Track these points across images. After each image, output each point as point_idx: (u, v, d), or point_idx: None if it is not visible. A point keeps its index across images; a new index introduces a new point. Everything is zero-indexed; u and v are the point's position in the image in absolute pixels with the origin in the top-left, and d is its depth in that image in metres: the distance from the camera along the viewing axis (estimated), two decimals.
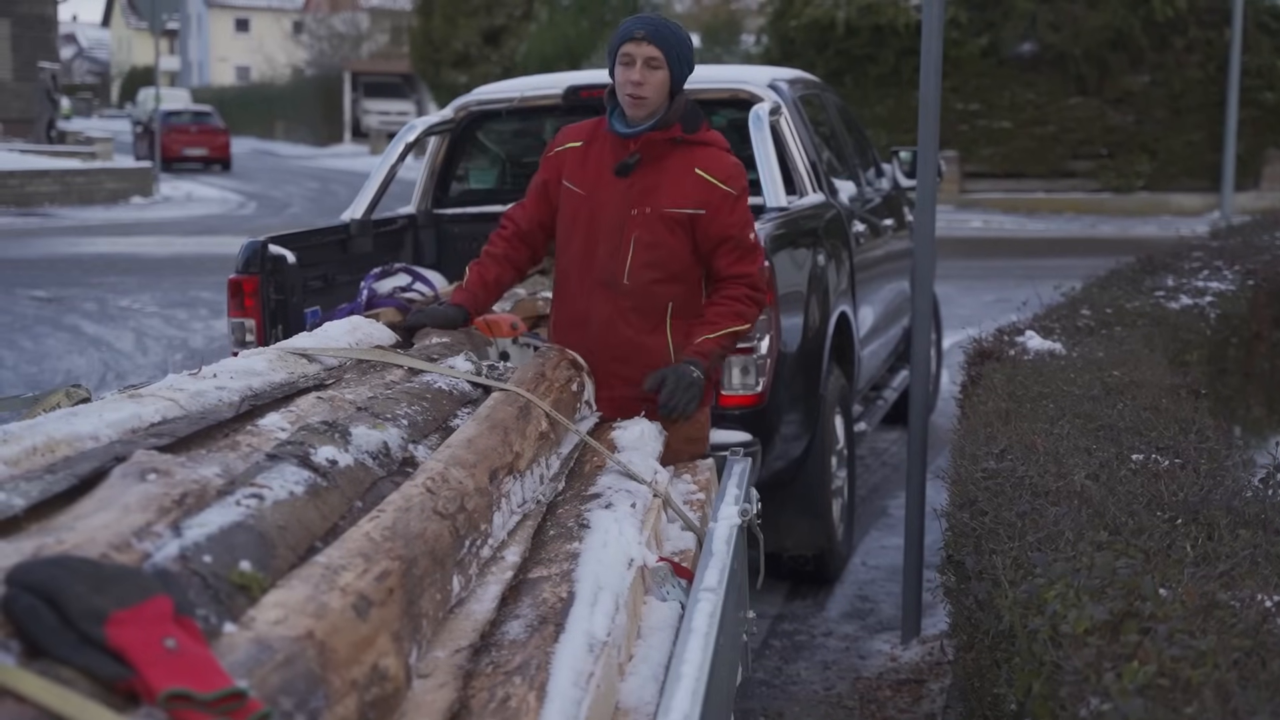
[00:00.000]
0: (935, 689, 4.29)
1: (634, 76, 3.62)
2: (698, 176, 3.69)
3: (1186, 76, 21.68)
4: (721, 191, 3.69)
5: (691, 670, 2.02)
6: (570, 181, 3.80)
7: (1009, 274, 13.66)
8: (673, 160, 3.71)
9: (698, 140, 3.73)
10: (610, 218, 3.73)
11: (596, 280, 3.76)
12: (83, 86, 75.73)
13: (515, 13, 36.04)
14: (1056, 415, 3.55)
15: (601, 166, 3.76)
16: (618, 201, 3.72)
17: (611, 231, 3.73)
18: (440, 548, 2.14)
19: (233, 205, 25.55)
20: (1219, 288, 6.17)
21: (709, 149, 3.74)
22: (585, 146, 3.81)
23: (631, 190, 3.71)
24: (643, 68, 3.62)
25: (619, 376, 3.73)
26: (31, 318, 11.65)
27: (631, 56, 3.64)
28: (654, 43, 3.62)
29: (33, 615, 1.42)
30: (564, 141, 3.88)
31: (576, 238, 3.79)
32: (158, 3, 26.04)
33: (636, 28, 3.66)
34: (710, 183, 3.69)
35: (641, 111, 3.67)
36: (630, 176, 3.71)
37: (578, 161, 3.81)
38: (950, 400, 6.52)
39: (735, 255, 3.73)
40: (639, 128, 3.69)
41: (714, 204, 3.69)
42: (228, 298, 4.90)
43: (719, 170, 3.71)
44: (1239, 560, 2.33)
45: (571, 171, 3.81)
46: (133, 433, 2.27)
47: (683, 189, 3.69)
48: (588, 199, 3.76)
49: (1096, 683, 1.92)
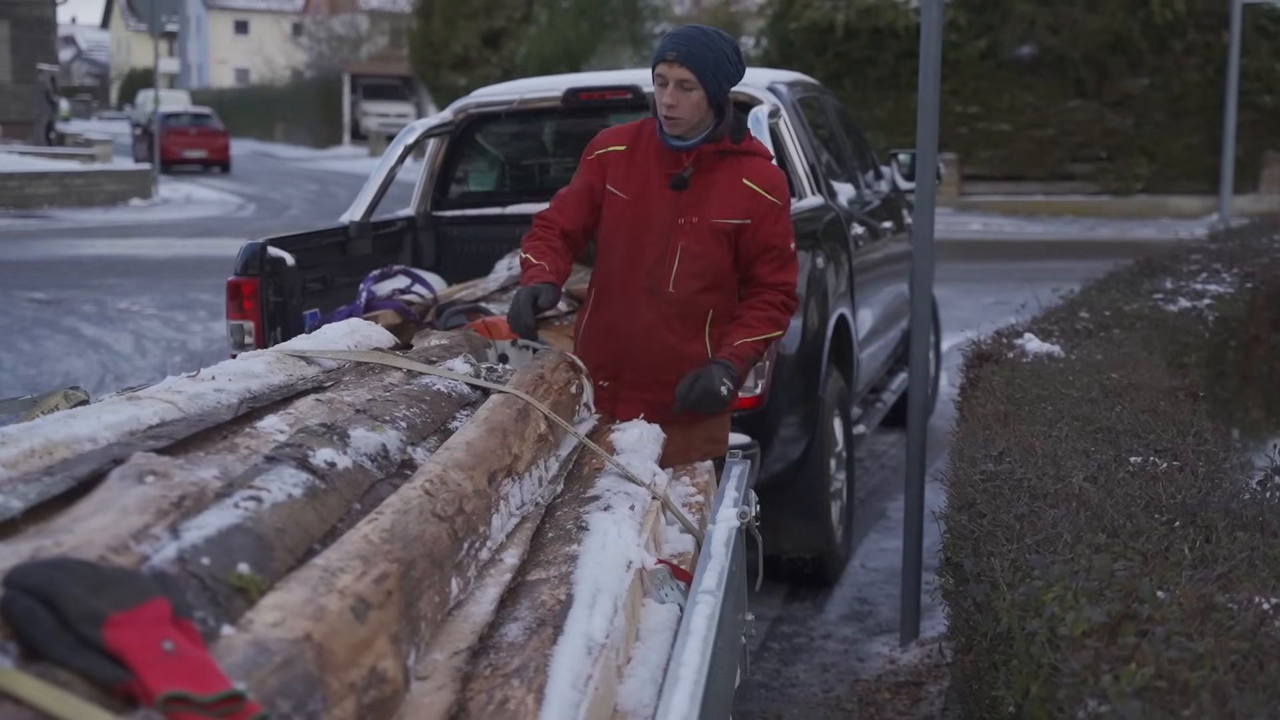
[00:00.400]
0: (934, 691, 4.29)
1: (666, 99, 3.62)
2: (745, 186, 3.71)
3: (1185, 79, 21.69)
4: (768, 202, 3.72)
5: (690, 672, 2.02)
6: (615, 186, 3.78)
7: (1008, 276, 13.67)
8: (721, 171, 3.72)
9: (744, 150, 3.75)
10: (657, 226, 3.73)
11: (641, 287, 3.76)
12: (82, 88, 75.75)
13: (515, 15, 36.06)
14: (1055, 418, 3.55)
15: (648, 173, 3.75)
16: (666, 210, 3.73)
17: (658, 239, 3.73)
18: (439, 550, 2.14)
19: (232, 207, 25.55)
20: (1217, 290, 6.18)
21: (755, 159, 3.77)
22: (630, 151, 3.79)
23: (680, 200, 3.72)
24: (674, 90, 3.61)
25: (658, 381, 3.76)
26: (30, 320, 11.64)
27: (665, 78, 3.63)
28: (685, 64, 3.59)
29: (31, 617, 1.42)
30: (607, 144, 3.85)
31: (620, 244, 3.78)
32: (157, 5, 26.05)
33: (669, 48, 3.62)
34: (757, 193, 3.71)
35: (678, 130, 3.68)
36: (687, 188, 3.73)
37: (622, 167, 3.79)
38: (949, 403, 6.52)
39: (777, 264, 3.76)
40: (692, 141, 3.69)
41: (760, 213, 3.71)
42: (227, 300, 4.90)
43: (765, 181, 3.73)
44: (1237, 563, 2.33)
45: (615, 177, 3.79)
46: (131, 435, 2.27)
47: (731, 199, 3.71)
48: (633, 205, 3.75)
49: (1094, 685, 1.92)
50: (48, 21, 32.29)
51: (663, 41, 3.69)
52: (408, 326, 5.08)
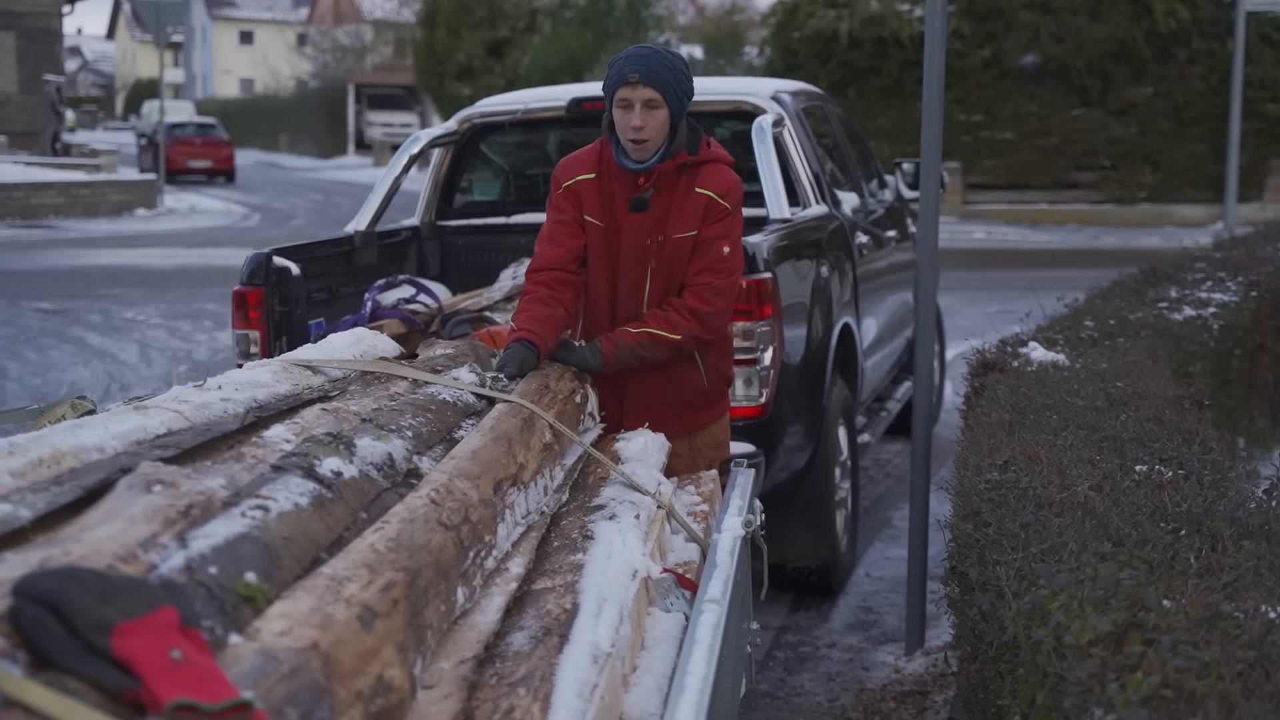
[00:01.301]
0: (939, 700, 4.28)
1: (634, 122, 3.58)
2: (698, 194, 3.70)
3: (1189, 88, 21.69)
4: (719, 205, 3.70)
5: (696, 681, 2.02)
6: (590, 215, 3.75)
7: (1012, 285, 13.66)
8: (680, 184, 3.72)
9: (702, 160, 3.74)
10: (629, 250, 3.72)
11: (622, 315, 3.76)
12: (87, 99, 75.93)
13: (518, 25, 36.13)
14: (1060, 426, 3.55)
15: (616, 200, 3.74)
16: (635, 232, 3.72)
17: (631, 264, 3.73)
18: (444, 559, 2.15)
19: (237, 217, 25.59)
20: (1222, 299, 6.17)
21: (710, 165, 3.75)
22: (598, 178, 3.76)
23: (646, 220, 3.71)
24: (642, 111, 3.58)
25: (658, 399, 3.76)
26: (36, 330, 11.66)
27: (629, 100, 3.58)
28: (649, 84, 3.56)
29: (40, 626, 1.43)
30: (573, 174, 3.79)
31: (600, 272, 3.77)
32: (162, 15, 26.14)
33: (629, 70, 3.57)
34: (709, 198, 3.70)
35: (646, 154, 3.65)
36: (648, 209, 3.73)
37: (594, 194, 3.76)
38: (953, 411, 6.52)
39: (704, 263, 3.68)
40: (648, 163, 3.67)
41: (709, 217, 3.70)
42: (232, 310, 4.91)
43: (717, 185, 3.72)
44: (1243, 571, 2.33)
45: (590, 205, 3.76)
46: (138, 444, 2.27)
47: (688, 211, 3.70)
48: (606, 232, 3.74)
49: (1100, 694, 1.92)
50: (53, 32, 32.36)
51: (617, 65, 3.63)
52: (413, 336, 5.09)
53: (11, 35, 30.62)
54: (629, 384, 3.79)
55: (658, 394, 3.77)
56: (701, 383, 3.81)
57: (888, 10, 22.27)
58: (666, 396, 3.76)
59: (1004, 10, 22.05)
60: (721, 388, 3.91)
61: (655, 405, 3.76)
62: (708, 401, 3.85)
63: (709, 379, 3.82)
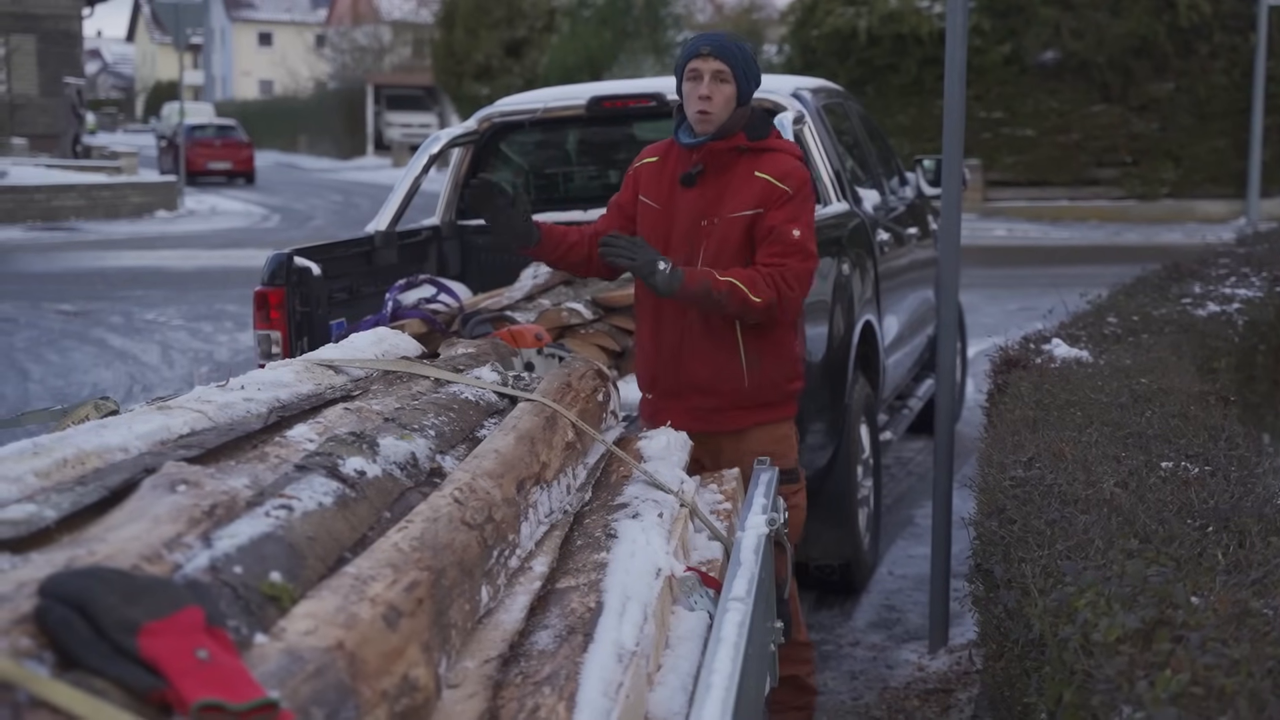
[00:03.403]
0: (963, 699, 4.27)
1: (702, 91, 3.69)
2: (756, 178, 3.74)
3: (1211, 83, 21.55)
4: (778, 189, 3.72)
5: (721, 680, 2.01)
6: (646, 196, 3.87)
7: (1033, 282, 13.62)
8: (738, 168, 3.77)
9: (764, 147, 3.78)
10: (682, 229, 3.79)
11: None
12: (108, 101, 76.30)
13: (537, 24, 36.13)
14: (1084, 423, 3.53)
15: (673, 180, 3.83)
16: (689, 213, 3.78)
17: (683, 243, 3.78)
18: (468, 558, 2.14)
19: (257, 218, 25.66)
20: (1246, 294, 6.14)
21: (773, 153, 3.79)
22: (660, 161, 3.89)
23: (700, 200, 3.77)
24: (710, 81, 3.68)
25: (695, 388, 3.80)
26: (58, 331, 11.72)
27: (699, 71, 3.70)
28: (720, 57, 3.68)
29: (66, 626, 1.43)
30: (642, 158, 3.96)
31: None
32: (182, 18, 26.22)
33: (702, 44, 3.73)
34: (768, 182, 3.73)
35: (710, 127, 3.72)
36: (698, 187, 3.77)
37: (653, 176, 3.88)
38: (975, 409, 6.50)
39: (778, 249, 3.70)
40: (701, 138, 3.75)
41: (769, 201, 3.72)
42: (254, 310, 4.92)
43: (776, 169, 3.75)
44: (1271, 568, 2.31)
45: (647, 186, 3.88)
46: (162, 444, 2.28)
47: (744, 192, 3.74)
48: (662, 212, 3.83)
49: (1129, 691, 1.90)
50: (74, 35, 32.52)
51: (692, 41, 3.77)
52: (434, 335, 5.09)
53: (32, 38, 30.79)
54: (666, 360, 3.82)
55: (696, 383, 3.79)
56: (741, 382, 3.79)
57: (907, 7, 22.20)
58: (705, 386, 3.77)
59: (1024, 6, 21.96)
60: (770, 395, 3.86)
61: (689, 394, 3.79)
62: (749, 404, 3.82)
63: (750, 380, 3.80)
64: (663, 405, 3.86)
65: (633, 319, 5.51)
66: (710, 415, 3.79)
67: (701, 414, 3.78)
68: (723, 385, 3.79)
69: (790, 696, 3.95)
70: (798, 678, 3.95)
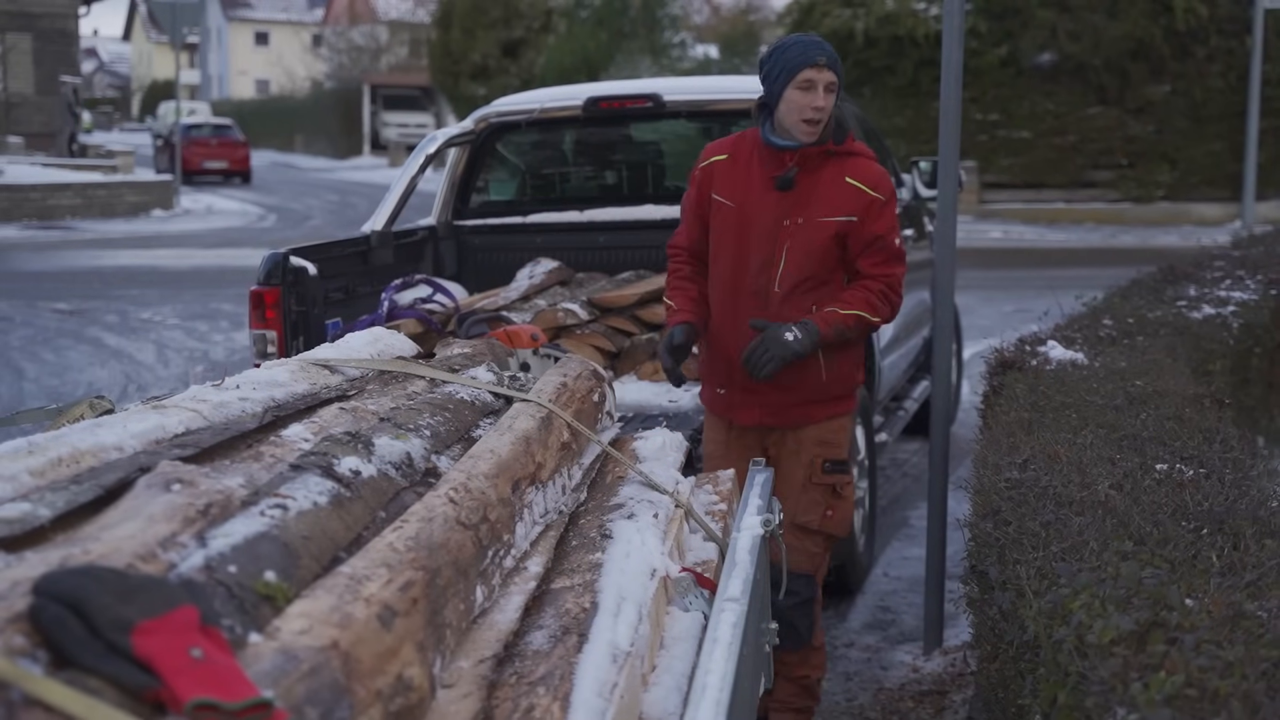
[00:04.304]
0: (958, 700, 4.27)
1: (818, 102, 3.72)
2: (849, 185, 3.77)
3: (1207, 86, 21.59)
4: (870, 197, 3.77)
5: (716, 680, 2.01)
6: (719, 194, 3.89)
7: (1029, 284, 13.63)
8: (826, 171, 3.79)
9: (846, 151, 3.81)
10: (763, 229, 3.81)
11: (747, 290, 3.84)
12: (104, 100, 76.23)
13: (533, 25, 36.15)
14: (1079, 425, 3.54)
15: (751, 178, 3.84)
16: (770, 213, 3.80)
17: (764, 242, 3.81)
18: (463, 558, 2.14)
19: (253, 218, 25.65)
20: (1241, 297, 6.15)
21: (858, 159, 3.84)
22: (732, 159, 3.90)
23: (785, 201, 3.79)
24: (824, 93, 3.72)
25: (773, 385, 3.82)
26: (54, 330, 11.71)
27: (813, 82, 3.72)
28: (832, 69, 3.72)
29: (60, 625, 1.43)
30: (709, 155, 3.97)
31: (727, 249, 3.87)
32: (178, 17, 26.20)
33: (817, 54, 3.73)
34: (862, 190, 3.77)
35: (816, 136, 3.76)
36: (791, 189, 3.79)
37: (726, 174, 3.89)
38: (971, 411, 6.50)
39: (880, 257, 3.80)
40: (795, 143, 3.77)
41: (864, 210, 3.77)
42: (249, 309, 4.92)
43: (867, 178, 3.80)
44: (1265, 570, 2.31)
45: (720, 185, 3.89)
46: (157, 443, 2.27)
47: (837, 198, 3.77)
48: (738, 210, 3.84)
49: (1123, 693, 1.91)
50: (70, 34, 32.51)
51: (797, 48, 3.77)
52: (430, 335, 5.09)
53: (28, 37, 30.77)
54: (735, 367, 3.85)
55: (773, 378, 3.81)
56: (820, 377, 3.83)
57: (903, 9, 22.23)
58: (781, 381, 3.80)
59: (1021, 8, 21.99)
60: (839, 389, 3.92)
61: (765, 389, 3.83)
62: (822, 398, 3.87)
63: (827, 375, 3.84)
64: (737, 401, 3.92)
65: (629, 320, 5.53)
66: (786, 410, 3.86)
67: (778, 409, 3.86)
68: (801, 382, 3.83)
69: (793, 696, 3.97)
70: (807, 678, 3.97)
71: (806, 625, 3.94)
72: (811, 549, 3.91)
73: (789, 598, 3.89)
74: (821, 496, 3.89)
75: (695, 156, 4.08)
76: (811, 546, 3.92)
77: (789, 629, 3.94)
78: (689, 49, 32.88)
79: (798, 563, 3.87)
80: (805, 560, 3.89)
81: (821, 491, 3.89)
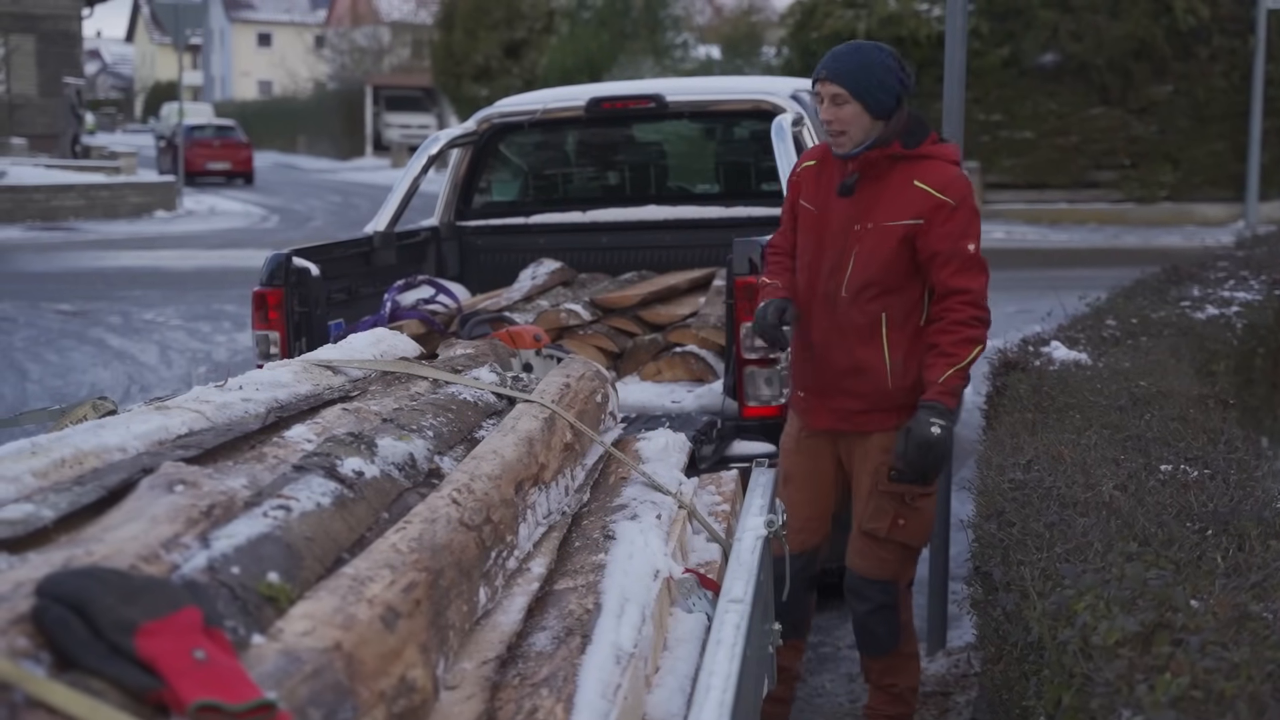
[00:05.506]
0: (961, 701, 4.26)
1: (824, 115, 3.76)
2: (915, 188, 3.72)
3: (1210, 86, 21.57)
4: (938, 200, 3.69)
5: (719, 682, 2.01)
6: (805, 200, 3.93)
7: (1032, 285, 13.62)
8: (894, 175, 3.75)
9: (919, 154, 3.76)
10: (835, 234, 3.81)
11: (819, 294, 3.85)
12: (107, 101, 76.32)
13: (536, 26, 36.15)
14: (1083, 426, 3.53)
15: (829, 185, 3.86)
16: (842, 218, 3.80)
17: (835, 247, 3.81)
18: (466, 559, 2.14)
19: (255, 219, 25.66)
20: (1245, 298, 6.14)
21: (930, 161, 3.77)
22: (819, 165, 3.93)
23: (854, 207, 3.79)
24: (829, 105, 3.73)
25: (840, 389, 3.85)
26: (57, 331, 11.71)
27: (822, 96, 3.76)
28: (833, 80, 3.71)
29: (63, 626, 1.42)
30: (802, 162, 4.03)
31: (806, 254, 3.91)
32: (181, 18, 26.20)
33: (819, 68, 3.76)
34: (927, 192, 3.70)
35: (848, 145, 3.76)
36: (853, 194, 3.79)
37: (812, 180, 3.93)
38: (974, 411, 6.49)
39: (954, 267, 3.69)
40: (853, 150, 3.77)
41: (930, 213, 3.69)
42: (252, 310, 4.92)
43: (936, 180, 3.72)
44: (1270, 571, 2.31)
45: (806, 190, 3.93)
46: (160, 444, 2.27)
47: (901, 201, 3.72)
48: (818, 216, 3.87)
49: (1128, 695, 1.90)
50: (73, 35, 32.52)
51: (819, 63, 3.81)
52: (432, 336, 5.09)
53: (32, 38, 30.79)
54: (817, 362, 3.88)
55: (840, 384, 3.84)
56: (885, 383, 3.80)
57: (906, 10, 22.23)
58: (849, 387, 3.82)
59: (1023, 9, 21.97)
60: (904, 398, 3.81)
61: (835, 395, 3.85)
62: (889, 406, 3.81)
63: (893, 383, 3.79)
64: (813, 404, 3.93)
65: (631, 321, 5.53)
66: (854, 416, 3.84)
67: (847, 415, 3.85)
68: (867, 388, 3.81)
69: (884, 704, 3.98)
70: (895, 686, 3.96)
71: (885, 632, 3.91)
72: (884, 556, 3.86)
73: (862, 604, 3.90)
74: (889, 504, 3.81)
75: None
76: (883, 554, 3.86)
77: (867, 635, 3.95)
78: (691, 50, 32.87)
79: (870, 569, 3.86)
80: (876, 567, 3.86)
81: (889, 499, 3.81)
